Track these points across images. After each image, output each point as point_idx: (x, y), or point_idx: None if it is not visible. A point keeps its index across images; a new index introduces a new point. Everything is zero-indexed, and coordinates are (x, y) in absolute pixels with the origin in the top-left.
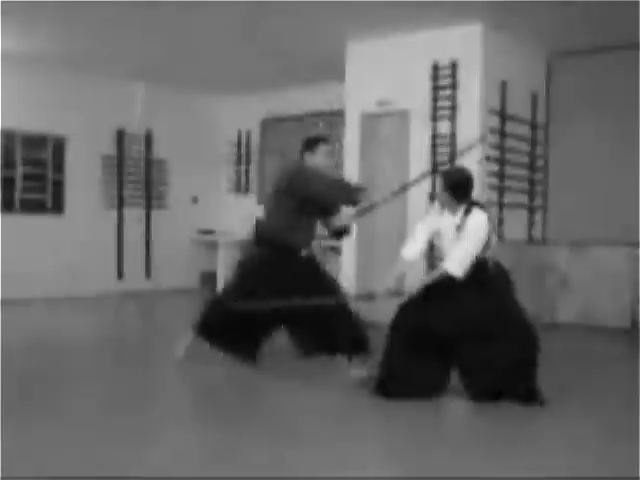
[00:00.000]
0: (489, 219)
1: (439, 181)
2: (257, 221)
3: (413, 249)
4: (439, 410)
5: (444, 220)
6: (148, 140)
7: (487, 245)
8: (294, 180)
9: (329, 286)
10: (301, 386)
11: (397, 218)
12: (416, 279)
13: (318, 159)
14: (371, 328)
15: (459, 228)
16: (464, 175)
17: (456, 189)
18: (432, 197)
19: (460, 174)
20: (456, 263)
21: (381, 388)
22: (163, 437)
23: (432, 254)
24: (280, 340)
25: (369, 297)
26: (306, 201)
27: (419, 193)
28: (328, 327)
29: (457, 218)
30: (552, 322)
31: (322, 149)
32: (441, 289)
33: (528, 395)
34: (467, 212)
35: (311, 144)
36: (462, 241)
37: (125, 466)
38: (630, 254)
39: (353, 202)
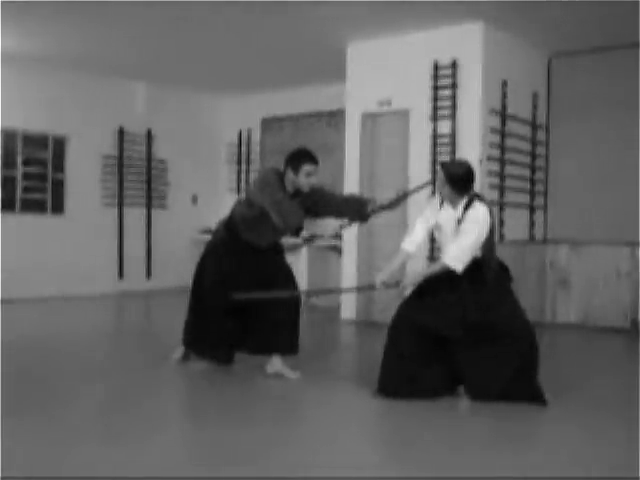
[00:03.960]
0: (491, 213)
1: (439, 174)
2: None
3: (413, 242)
4: (440, 410)
5: (444, 213)
6: (148, 140)
7: (490, 241)
8: (254, 185)
9: (284, 281)
10: (302, 386)
11: (397, 215)
12: (415, 271)
13: (300, 179)
14: (372, 328)
15: (460, 221)
16: (465, 168)
17: (457, 182)
18: (433, 194)
19: (461, 167)
20: (456, 257)
21: (382, 388)
22: (164, 437)
23: (432, 246)
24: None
25: (369, 288)
26: (262, 209)
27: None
28: (274, 325)
29: (458, 211)
30: (552, 322)
31: (305, 169)
32: (443, 288)
33: (530, 395)
34: (468, 205)
35: (294, 162)
36: (462, 234)
37: (125, 466)
38: (630, 254)
39: (291, 232)
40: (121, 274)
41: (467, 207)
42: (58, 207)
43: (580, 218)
